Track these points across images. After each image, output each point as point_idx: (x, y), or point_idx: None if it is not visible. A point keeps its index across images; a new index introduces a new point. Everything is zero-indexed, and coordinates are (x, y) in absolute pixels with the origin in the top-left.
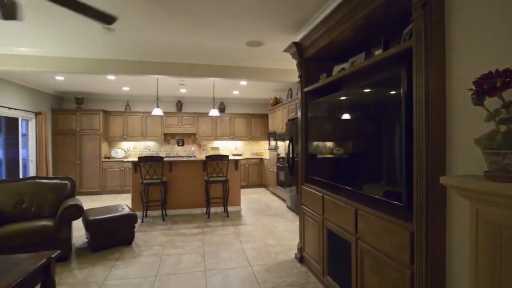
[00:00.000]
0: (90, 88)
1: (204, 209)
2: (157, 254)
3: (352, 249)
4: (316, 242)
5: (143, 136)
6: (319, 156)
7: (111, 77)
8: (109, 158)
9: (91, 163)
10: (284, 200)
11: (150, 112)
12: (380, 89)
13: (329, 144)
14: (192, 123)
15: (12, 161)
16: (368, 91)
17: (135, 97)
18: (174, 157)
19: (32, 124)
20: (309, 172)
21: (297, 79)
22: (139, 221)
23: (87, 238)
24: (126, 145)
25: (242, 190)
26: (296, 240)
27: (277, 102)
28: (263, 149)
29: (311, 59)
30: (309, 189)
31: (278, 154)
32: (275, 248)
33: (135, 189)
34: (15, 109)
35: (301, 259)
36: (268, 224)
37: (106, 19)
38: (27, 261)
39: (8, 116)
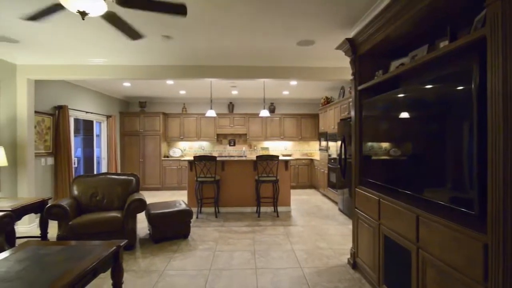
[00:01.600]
0: (151, 92)
1: (255, 208)
2: (211, 249)
3: (412, 258)
4: (371, 248)
5: (198, 137)
6: (374, 157)
7: (170, 82)
8: (167, 157)
9: (152, 162)
10: (335, 202)
11: (204, 114)
12: (446, 85)
13: (385, 145)
14: (243, 123)
15: (88, 159)
16: (432, 87)
17: (191, 100)
18: (226, 156)
19: (104, 126)
20: (363, 174)
21: (351, 77)
22: (194, 216)
23: (149, 230)
24: (182, 145)
25: (292, 191)
26: (348, 245)
27: (328, 101)
28: (313, 149)
29: (366, 55)
30: (363, 192)
31: (329, 155)
32: (326, 251)
33: (190, 186)
34: (91, 113)
35: (354, 265)
36: (318, 226)
37: (178, 9)
38: (100, 248)
39: (85, 119)
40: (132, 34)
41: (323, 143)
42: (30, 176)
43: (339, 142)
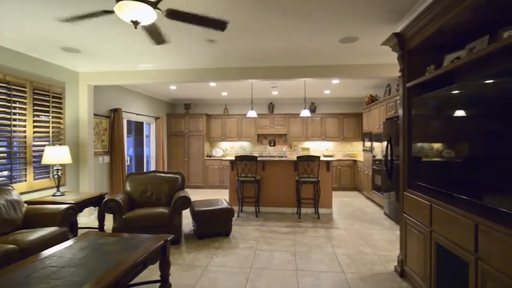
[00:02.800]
0: (195, 94)
1: (295, 209)
2: (252, 247)
3: (470, 270)
4: (421, 257)
5: (239, 137)
6: (424, 159)
7: (212, 84)
8: (210, 156)
9: (196, 161)
10: (380, 206)
11: (245, 115)
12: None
13: (437, 145)
14: (283, 124)
15: (139, 157)
16: (494, 82)
17: (232, 101)
18: (266, 156)
19: (152, 127)
20: (412, 177)
21: (398, 74)
22: (235, 215)
23: (193, 226)
24: (224, 145)
25: (334, 193)
26: (395, 251)
27: (372, 100)
28: (356, 150)
29: (415, 50)
30: (412, 196)
31: (373, 156)
32: (370, 257)
33: (232, 185)
34: (141, 114)
35: (401, 273)
36: (362, 231)
37: (219, 24)
38: (150, 241)
39: (136, 120)
40: (159, 39)
41: (367, 144)
42: (90, 172)
43: (384, 143)
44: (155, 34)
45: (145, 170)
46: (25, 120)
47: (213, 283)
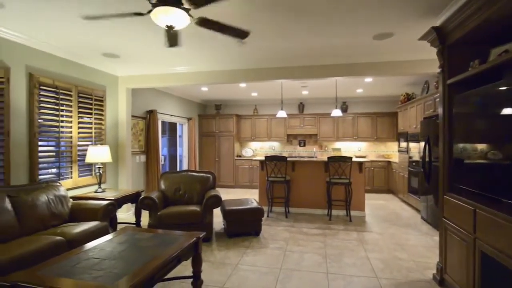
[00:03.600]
0: (226, 95)
1: (325, 211)
2: (281, 248)
3: None
4: (463, 265)
5: (268, 137)
6: (467, 161)
7: (242, 85)
8: (240, 156)
9: (226, 161)
10: (417, 210)
11: (275, 115)
12: None
13: (481, 146)
14: (313, 124)
15: (172, 157)
16: None
17: (262, 101)
18: (296, 157)
19: (185, 128)
20: (453, 180)
21: (437, 70)
22: (265, 215)
23: (223, 224)
24: (254, 145)
25: (366, 195)
26: (433, 258)
27: (409, 98)
28: (391, 151)
29: (456, 44)
30: (454, 200)
31: (410, 157)
32: (406, 263)
33: (261, 185)
34: (175, 116)
35: (441, 282)
36: (397, 235)
37: (241, 34)
38: (183, 238)
39: (170, 121)
40: (173, 43)
41: (403, 144)
42: (128, 171)
43: (422, 143)
44: (173, 37)
45: (178, 169)
46: (71, 122)
47: (243, 281)
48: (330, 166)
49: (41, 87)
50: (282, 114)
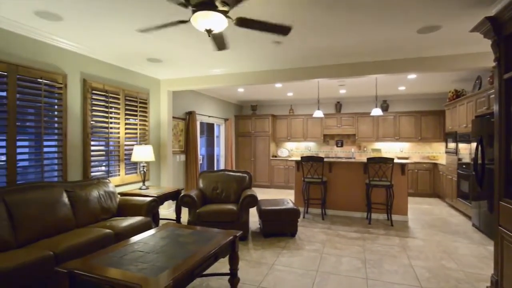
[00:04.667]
0: (262, 96)
1: (364, 214)
2: (318, 250)
3: None
4: None
5: (304, 137)
6: None
7: (278, 85)
8: (275, 156)
9: (262, 161)
10: (467, 216)
11: (311, 115)
12: None
13: None
14: (351, 123)
15: (210, 156)
16: None
17: (298, 101)
18: (333, 157)
19: (222, 128)
20: (511, 184)
21: (492, 64)
22: (301, 216)
23: (259, 224)
24: (289, 145)
25: (410, 198)
26: (487, 270)
27: (458, 95)
28: (437, 152)
29: None
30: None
31: (459, 159)
32: (455, 273)
33: (297, 186)
34: (212, 116)
35: None
36: (444, 243)
37: (283, 30)
38: (220, 235)
39: (208, 122)
40: (221, 46)
41: (451, 145)
42: (169, 169)
43: (474, 144)
44: (219, 40)
45: (215, 169)
46: (118, 123)
47: (279, 282)
48: (369, 168)
49: (93, 92)
50: (318, 114)
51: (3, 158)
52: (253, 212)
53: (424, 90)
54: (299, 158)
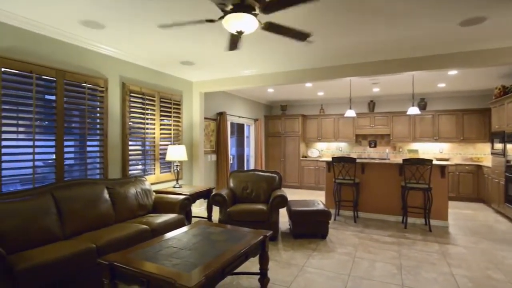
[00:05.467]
0: (291, 96)
1: (400, 218)
2: (350, 254)
3: None
4: None
5: (335, 137)
6: None
7: (308, 85)
8: (305, 157)
9: (291, 161)
10: None
11: (342, 114)
12: None
13: None
14: (385, 123)
15: (240, 156)
16: None
17: (328, 101)
18: (366, 158)
19: (252, 129)
20: None
21: None
22: (332, 218)
23: (289, 225)
24: (320, 145)
25: (450, 203)
26: None
27: (506, 91)
28: (481, 153)
29: None
30: None
31: (507, 161)
32: (503, 285)
33: (328, 187)
34: (242, 117)
35: None
36: (489, 251)
37: (302, 36)
38: (251, 235)
39: (238, 122)
40: (233, 47)
41: (498, 146)
42: (201, 169)
43: None
44: (234, 41)
45: (245, 169)
46: (154, 124)
47: (310, 284)
48: (405, 169)
49: (131, 94)
50: (350, 113)
51: (53, 156)
52: (282, 212)
53: (466, 86)
54: (330, 159)
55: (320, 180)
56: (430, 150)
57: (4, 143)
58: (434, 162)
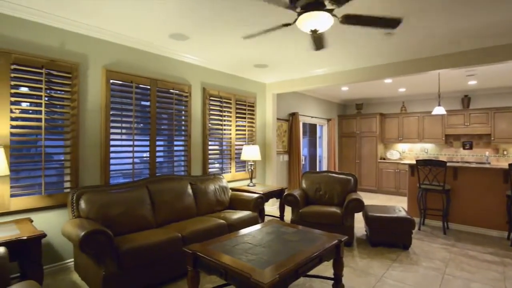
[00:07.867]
0: (368, 94)
1: (504, 233)
2: (438, 269)
3: None
4: None
5: (420, 138)
6: None
7: (388, 81)
8: (384, 159)
9: (368, 163)
10: None
11: (428, 112)
12: None
13: None
14: (484, 121)
15: (312, 157)
16: None
17: (411, 97)
18: (458, 162)
19: (325, 129)
20: None
21: None
22: (416, 227)
23: (366, 231)
24: (401, 147)
25: None
26: None
27: None
28: None
29: None
30: None
31: None
32: None
33: (411, 193)
34: (315, 117)
35: None
36: None
37: (392, 23)
38: (324, 238)
39: (310, 123)
40: (319, 45)
41: None
42: (273, 168)
43: None
44: (319, 40)
45: (317, 170)
46: (230, 125)
47: None
48: None
49: (210, 98)
50: (439, 110)
51: (147, 154)
52: (357, 217)
53: None
54: (413, 162)
55: (401, 184)
56: None
57: (112, 142)
58: None
